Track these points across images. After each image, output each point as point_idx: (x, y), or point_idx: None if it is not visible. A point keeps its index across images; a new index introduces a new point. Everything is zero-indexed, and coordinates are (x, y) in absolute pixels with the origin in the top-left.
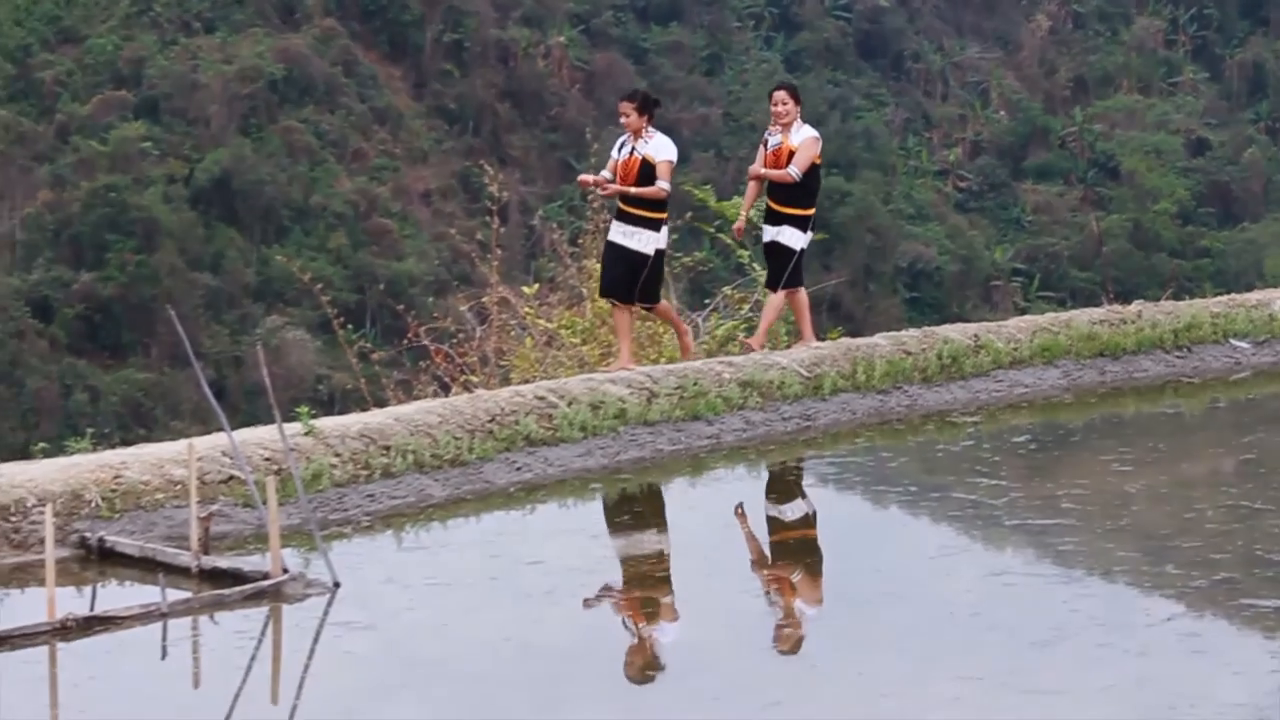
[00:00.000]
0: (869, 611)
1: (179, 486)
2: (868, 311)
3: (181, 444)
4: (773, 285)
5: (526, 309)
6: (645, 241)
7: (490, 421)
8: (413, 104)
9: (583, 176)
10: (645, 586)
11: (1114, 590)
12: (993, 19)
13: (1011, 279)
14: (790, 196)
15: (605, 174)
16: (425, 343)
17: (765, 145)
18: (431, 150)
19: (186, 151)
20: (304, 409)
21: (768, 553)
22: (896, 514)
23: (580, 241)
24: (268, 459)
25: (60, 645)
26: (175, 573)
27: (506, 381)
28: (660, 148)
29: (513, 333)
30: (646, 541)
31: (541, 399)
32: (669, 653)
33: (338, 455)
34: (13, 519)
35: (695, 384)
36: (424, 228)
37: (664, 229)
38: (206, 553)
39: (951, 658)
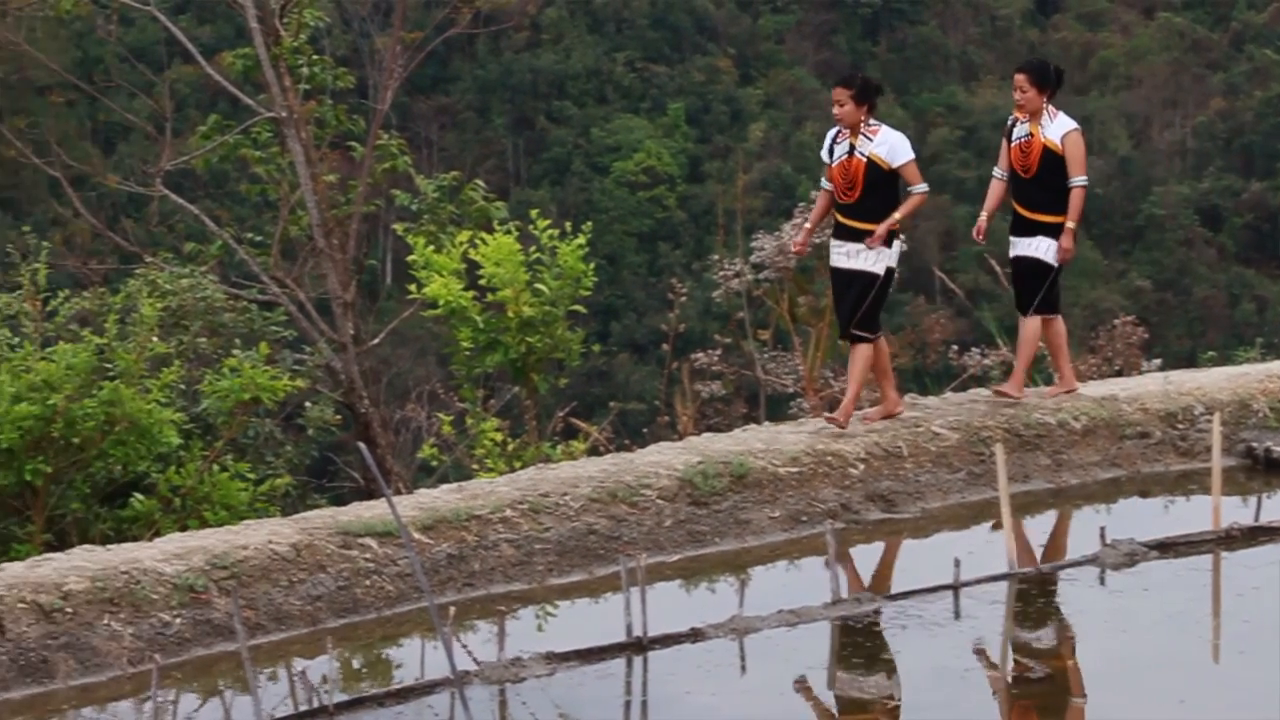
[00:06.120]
0: None
1: None
2: None
3: None
4: (1024, 309)
5: None
6: (874, 260)
7: None
8: None
9: (798, 240)
10: None
11: None
12: None
13: None
14: (1047, 200)
15: (825, 184)
16: None
17: (1008, 137)
18: None
19: None
20: None
21: None
22: None
23: None
24: None
25: (1224, 554)
26: None
27: None
28: (894, 148)
29: None
30: None
31: None
32: None
33: None
34: (1179, 426)
35: None
36: None
37: (896, 243)
38: None
39: None
